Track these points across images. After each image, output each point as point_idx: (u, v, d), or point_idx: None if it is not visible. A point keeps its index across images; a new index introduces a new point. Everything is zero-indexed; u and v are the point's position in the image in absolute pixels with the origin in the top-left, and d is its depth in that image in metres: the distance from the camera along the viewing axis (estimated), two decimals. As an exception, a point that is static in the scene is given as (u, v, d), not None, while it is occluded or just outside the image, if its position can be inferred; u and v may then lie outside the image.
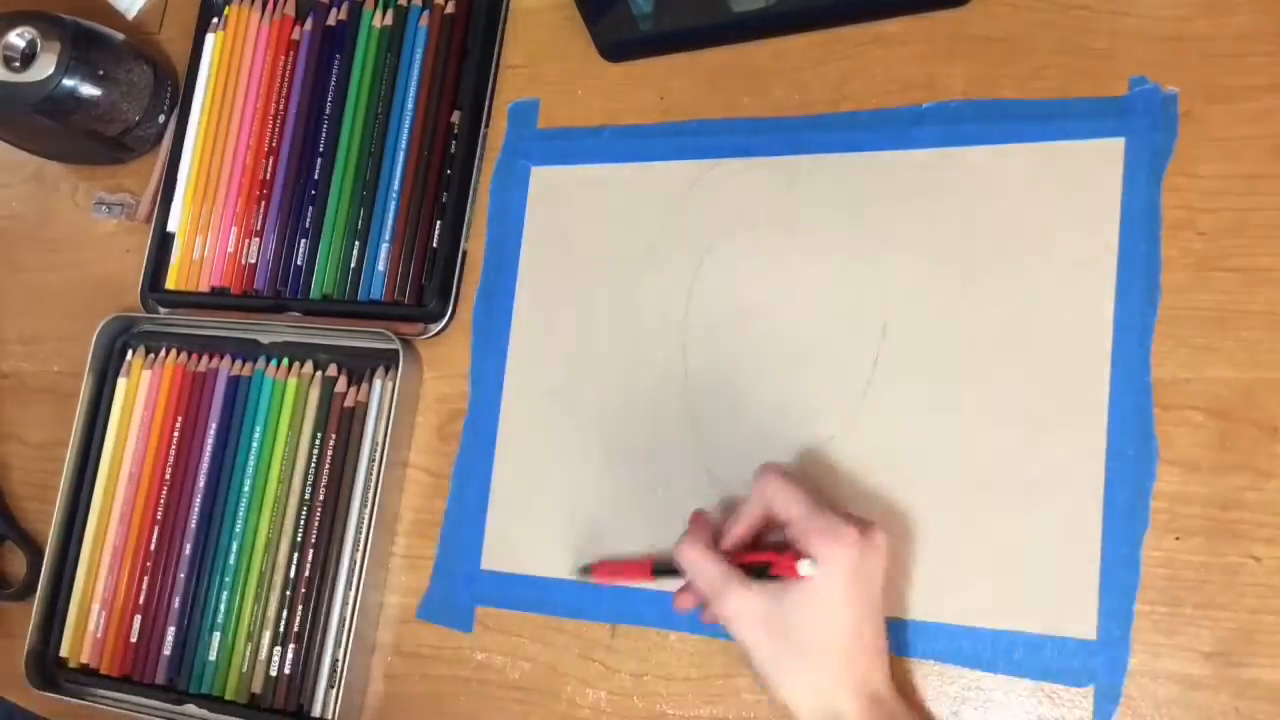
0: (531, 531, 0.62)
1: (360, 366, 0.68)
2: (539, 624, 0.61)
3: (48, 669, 0.71)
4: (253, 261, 0.72)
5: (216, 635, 0.67)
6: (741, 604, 0.50)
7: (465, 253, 0.68)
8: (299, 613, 0.65)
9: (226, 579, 0.67)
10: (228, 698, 0.66)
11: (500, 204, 0.67)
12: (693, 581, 0.52)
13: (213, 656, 0.67)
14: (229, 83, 0.75)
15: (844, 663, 0.49)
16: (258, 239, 0.72)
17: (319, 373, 0.69)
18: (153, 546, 0.70)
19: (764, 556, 0.50)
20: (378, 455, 0.65)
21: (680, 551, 0.52)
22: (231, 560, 0.68)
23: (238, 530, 0.68)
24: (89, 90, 0.73)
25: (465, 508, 0.64)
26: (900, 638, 0.54)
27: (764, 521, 0.52)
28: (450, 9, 0.70)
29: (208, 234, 0.74)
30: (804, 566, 0.47)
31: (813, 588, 0.48)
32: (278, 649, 0.65)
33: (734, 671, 0.57)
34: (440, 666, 0.63)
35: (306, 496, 0.67)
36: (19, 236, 0.83)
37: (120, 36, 0.77)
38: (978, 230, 0.56)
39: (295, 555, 0.66)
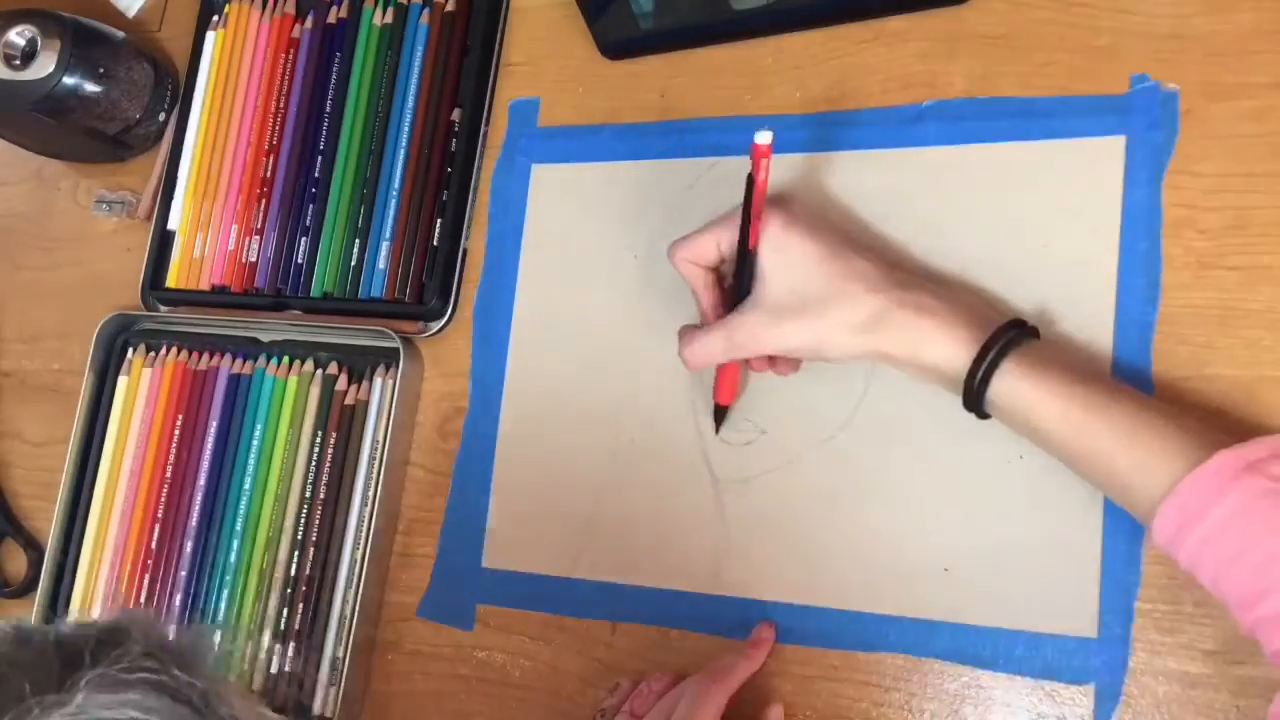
0: (532, 529, 0.62)
1: (361, 365, 0.68)
2: (540, 622, 0.61)
3: (48, 667, 0.71)
4: (253, 260, 0.72)
5: (217, 633, 0.67)
6: (743, 325, 0.52)
7: (466, 251, 0.68)
8: (299, 610, 0.65)
9: (227, 577, 0.67)
10: (228, 696, 0.66)
11: (501, 202, 0.67)
12: (713, 357, 0.54)
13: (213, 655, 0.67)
14: (229, 81, 0.75)
15: (842, 280, 0.50)
16: (258, 237, 0.72)
17: (319, 371, 0.69)
18: (153, 544, 0.70)
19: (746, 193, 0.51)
20: (378, 453, 0.65)
21: (684, 356, 0.55)
22: (232, 558, 0.68)
23: (238, 528, 0.68)
24: (89, 88, 0.73)
25: (466, 506, 0.64)
26: (901, 636, 0.54)
27: (712, 280, 0.55)
28: (450, 7, 0.70)
29: (208, 232, 0.74)
30: (760, 135, 0.49)
31: (770, 261, 0.51)
32: (278, 646, 0.65)
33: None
34: (441, 665, 0.63)
35: (307, 494, 0.67)
36: (19, 235, 0.83)
37: (120, 34, 0.76)
38: (978, 228, 0.56)
39: (296, 553, 0.66)
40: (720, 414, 0.58)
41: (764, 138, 0.49)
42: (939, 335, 0.49)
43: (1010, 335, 0.48)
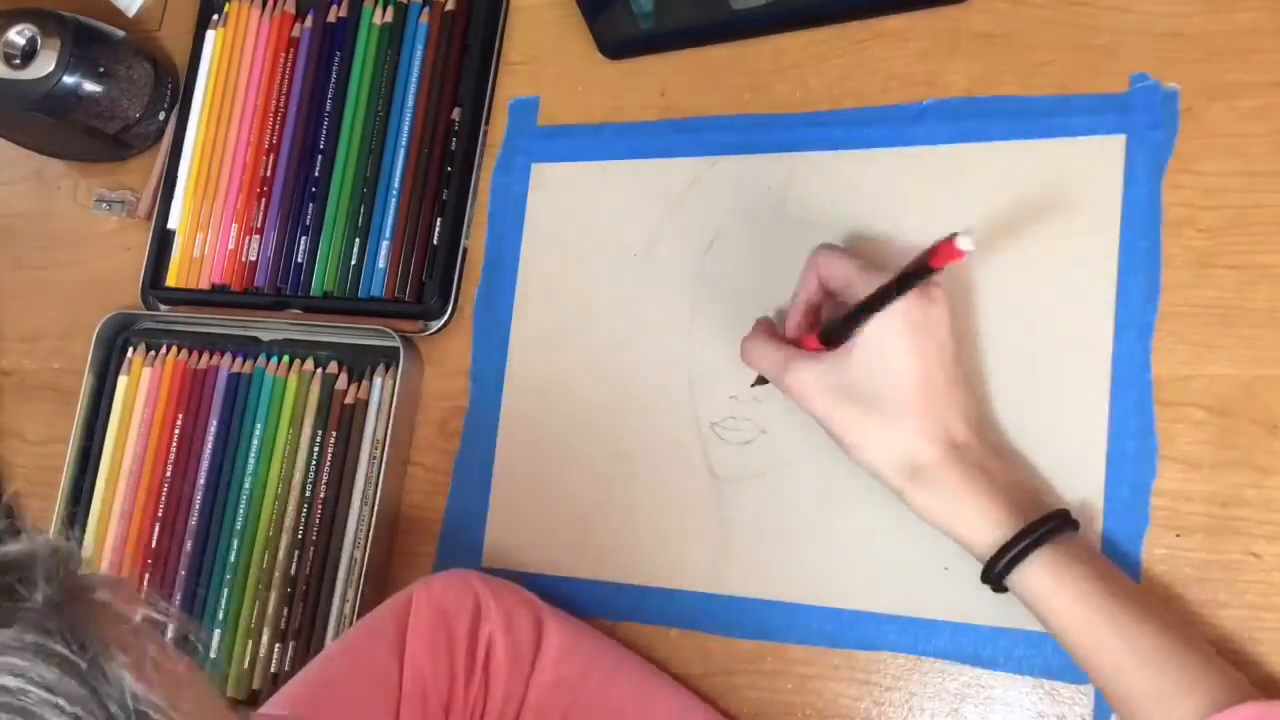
0: (532, 529, 0.62)
1: (361, 364, 0.68)
2: (539, 621, 0.61)
3: (48, 666, 0.71)
4: (253, 259, 0.72)
5: (217, 632, 0.67)
6: (804, 374, 0.50)
7: (466, 250, 0.67)
8: (299, 610, 0.65)
9: (227, 576, 0.67)
10: (228, 695, 0.66)
11: (501, 201, 0.67)
12: (763, 371, 0.53)
13: (213, 654, 0.67)
14: (229, 80, 0.75)
15: (916, 411, 0.48)
16: (258, 236, 0.72)
17: (319, 370, 0.69)
18: (153, 544, 0.70)
19: (911, 264, 0.45)
20: (378, 453, 0.65)
21: (744, 347, 0.54)
22: (232, 558, 0.68)
23: (238, 527, 0.68)
24: (89, 87, 0.73)
25: (466, 505, 0.64)
26: (901, 635, 0.54)
27: (819, 299, 0.53)
28: (450, 6, 0.70)
29: (208, 231, 0.74)
30: (963, 241, 0.42)
31: (873, 343, 0.48)
32: (278, 646, 0.65)
33: (735, 668, 0.57)
34: (441, 664, 0.63)
35: (307, 494, 0.67)
36: (20, 234, 0.83)
37: (120, 34, 0.76)
38: (978, 227, 0.56)
39: (295, 553, 0.66)
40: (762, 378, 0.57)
41: (967, 245, 0.42)
42: (973, 511, 0.48)
43: (1048, 527, 0.46)
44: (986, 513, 0.47)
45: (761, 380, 0.57)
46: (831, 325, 0.50)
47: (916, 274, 0.45)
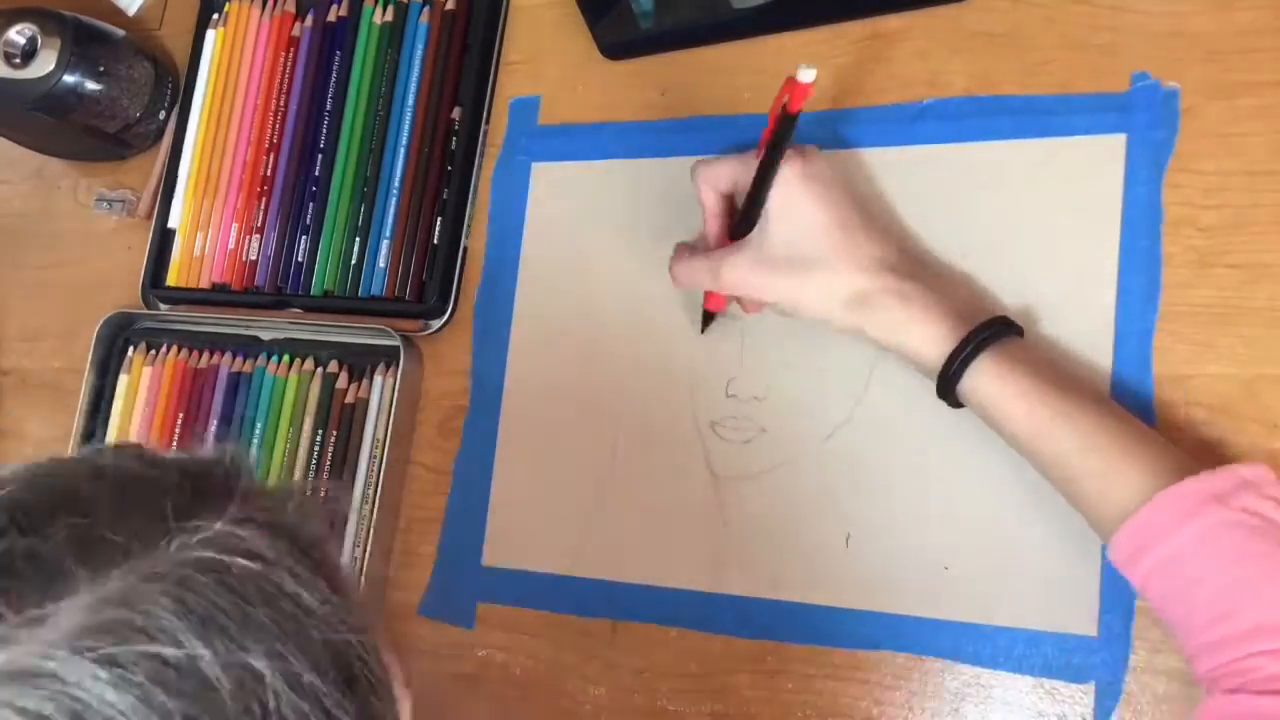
0: (533, 527, 0.63)
1: (361, 363, 0.68)
2: (540, 620, 0.61)
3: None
4: (253, 258, 0.72)
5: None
6: (733, 264, 0.53)
7: (466, 249, 0.67)
8: (300, 609, 0.65)
9: (228, 575, 0.67)
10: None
11: (501, 200, 0.67)
12: (698, 285, 0.55)
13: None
14: (229, 79, 0.75)
15: (843, 251, 0.51)
16: (258, 235, 0.72)
17: (320, 369, 0.69)
18: (154, 543, 0.70)
19: (771, 123, 0.49)
20: (378, 452, 0.65)
21: (672, 272, 0.56)
22: (233, 557, 0.68)
23: (239, 527, 0.68)
24: (89, 87, 0.73)
25: (466, 504, 0.64)
26: (902, 635, 0.54)
27: (720, 208, 0.55)
28: (451, 5, 0.70)
29: (208, 230, 0.74)
30: (803, 74, 0.45)
31: (780, 210, 0.51)
32: (279, 645, 0.65)
33: (735, 668, 0.57)
34: (441, 663, 0.63)
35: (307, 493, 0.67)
36: (20, 233, 0.83)
37: (121, 33, 0.76)
38: (979, 226, 0.56)
39: (296, 552, 0.66)
40: (708, 317, 0.59)
41: (807, 75, 0.45)
42: (920, 325, 0.50)
43: (990, 332, 0.49)
44: (931, 325, 0.50)
45: (708, 319, 0.59)
46: (737, 219, 0.53)
47: (782, 130, 0.48)
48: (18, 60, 0.72)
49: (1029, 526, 0.52)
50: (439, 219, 0.67)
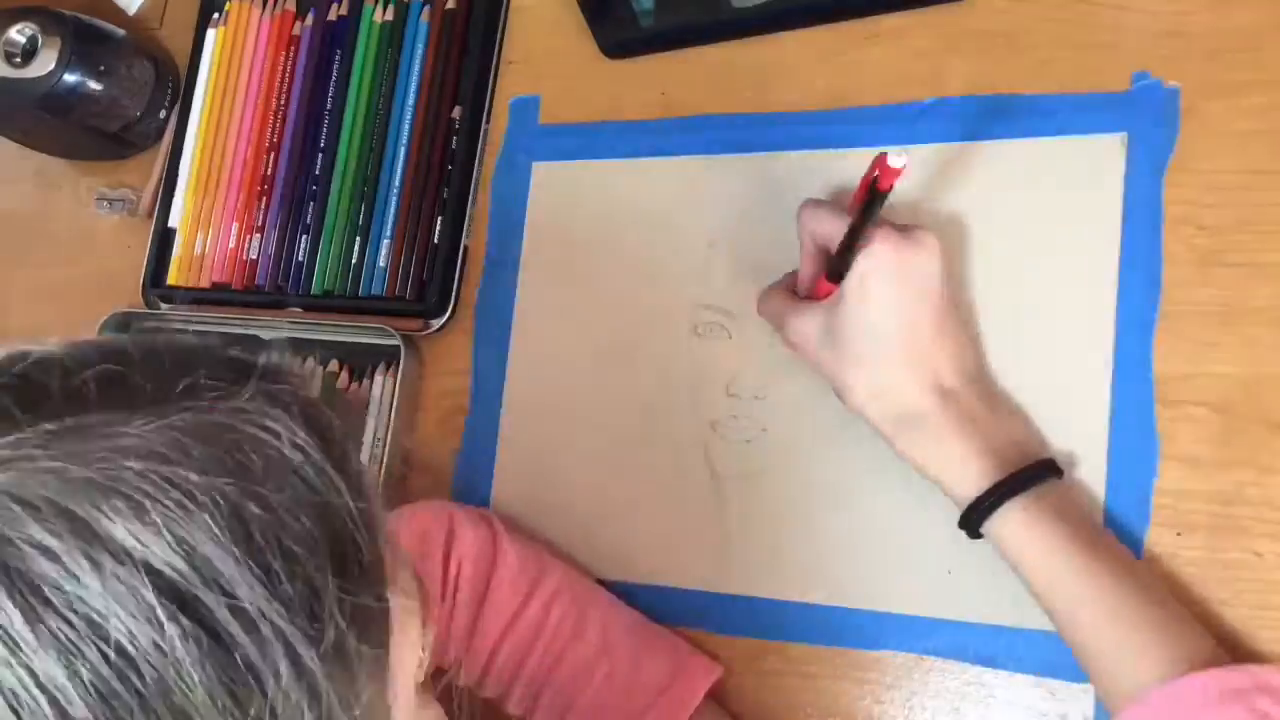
0: (533, 527, 0.62)
1: (361, 362, 0.68)
2: (540, 620, 0.61)
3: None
4: (254, 257, 0.72)
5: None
6: (798, 324, 0.52)
7: (466, 248, 0.67)
8: (300, 608, 0.65)
9: (228, 575, 0.67)
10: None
11: (501, 199, 0.67)
12: (770, 322, 0.56)
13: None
14: (230, 78, 0.75)
15: (903, 362, 0.49)
16: (259, 235, 0.72)
17: (320, 369, 0.69)
18: (154, 542, 0.70)
19: (861, 191, 0.48)
20: (379, 451, 0.65)
21: (758, 301, 0.56)
22: (233, 556, 0.67)
23: (239, 526, 0.68)
24: (90, 86, 0.73)
25: (466, 503, 0.64)
26: (902, 634, 0.54)
27: (820, 251, 0.53)
28: (451, 4, 0.70)
29: (209, 230, 0.74)
30: (894, 159, 0.44)
31: (860, 290, 0.48)
32: (279, 645, 0.65)
33: (735, 667, 0.57)
34: (442, 662, 0.63)
35: (308, 492, 0.67)
36: (21, 233, 0.83)
37: (121, 32, 0.76)
38: (979, 225, 0.56)
39: (297, 551, 0.66)
40: None
41: (897, 161, 0.44)
42: (957, 464, 0.48)
43: (1023, 478, 0.47)
44: (968, 463, 0.48)
45: None
46: (830, 264, 0.51)
47: (871, 202, 0.46)
48: (18, 60, 0.72)
49: (1029, 526, 0.52)
50: (439, 218, 0.67)
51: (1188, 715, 0.41)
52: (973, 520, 0.48)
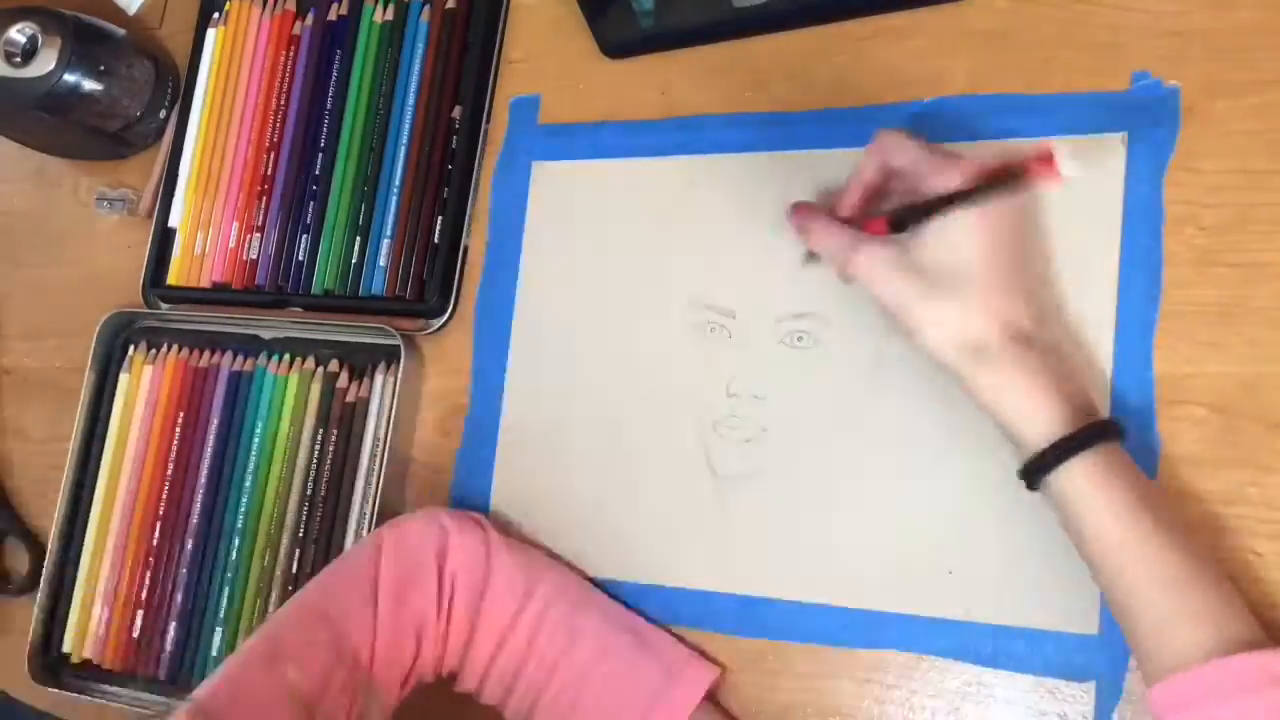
0: (533, 527, 0.62)
1: (362, 362, 0.68)
2: (540, 619, 0.61)
3: (50, 665, 0.71)
4: (254, 257, 0.72)
5: (219, 631, 0.67)
6: (872, 254, 0.49)
7: (466, 248, 0.67)
8: (301, 608, 0.65)
9: (228, 575, 0.67)
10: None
11: (501, 199, 0.67)
12: (826, 251, 0.52)
13: (215, 652, 0.67)
14: (230, 78, 0.75)
15: (984, 290, 0.47)
16: (259, 234, 0.72)
17: (320, 368, 0.69)
18: (154, 542, 0.70)
19: (1000, 167, 0.47)
20: (379, 451, 0.65)
21: (808, 226, 0.53)
22: (233, 556, 0.68)
23: (239, 526, 0.68)
24: (90, 86, 0.73)
25: (466, 503, 0.64)
26: (902, 633, 0.54)
27: (878, 183, 0.52)
28: (451, 4, 0.70)
29: (209, 229, 0.74)
30: (1067, 166, 0.44)
31: (938, 225, 0.47)
32: (280, 644, 0.65)
33: (735, 667, 0.57)
34: (442, 662, 0.63)
35: (308, 492, 0.67)
36: (21, 232, 0.83)
37: (121, 32, 0.76)
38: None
39: (297, 551, 0.66)
40: (814, 255, 0.56)
41: (1070, 169, 0.44)
42: (1029, 400, 0.47)
43: (1094, 433, 0.46)
44: (1042, 406, 0.46)
45: (814, 256, 0.56)
46: (904, 213, 0.49)
47: (1003, 184, 0.46)
48: (18, 59, 0.72)
49: (1030, 525, 0.52)
50: (439, 218, 0.67)
51: (1236, 692, 0.41)
52: (1041, 467, 0.46)
